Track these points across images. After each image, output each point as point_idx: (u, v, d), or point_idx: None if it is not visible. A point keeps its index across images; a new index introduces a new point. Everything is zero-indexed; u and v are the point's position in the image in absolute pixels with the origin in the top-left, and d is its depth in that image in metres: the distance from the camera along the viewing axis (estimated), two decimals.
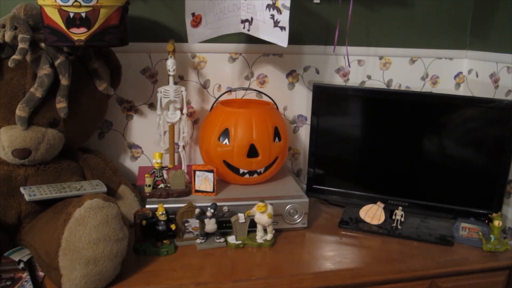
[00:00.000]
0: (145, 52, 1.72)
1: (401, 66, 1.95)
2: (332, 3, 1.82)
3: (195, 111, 1.82)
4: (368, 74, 1.93)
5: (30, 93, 1.36)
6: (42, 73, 1.37)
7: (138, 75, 1.73)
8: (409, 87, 1.98)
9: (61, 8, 1.30)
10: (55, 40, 1.34)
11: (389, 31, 1.91)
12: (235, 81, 1.84)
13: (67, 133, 1.46)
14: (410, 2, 1.90)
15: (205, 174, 1.55)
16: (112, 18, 1.36)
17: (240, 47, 1.79)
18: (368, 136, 1.68)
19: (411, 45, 1.94)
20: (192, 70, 1.78)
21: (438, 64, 1.98)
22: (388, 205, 1.67)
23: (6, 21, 1.37)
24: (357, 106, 1.67)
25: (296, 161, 1.97)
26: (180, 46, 1.72)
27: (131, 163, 1.81)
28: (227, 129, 1.59)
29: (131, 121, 1.77)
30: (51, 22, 1.32)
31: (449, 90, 2.00)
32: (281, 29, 1.46)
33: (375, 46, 1.91)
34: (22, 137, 1.36)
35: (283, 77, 1.87)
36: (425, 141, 1.61)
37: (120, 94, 1.73)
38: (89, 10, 1.31)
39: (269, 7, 1.47)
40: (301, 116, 1.92)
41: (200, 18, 1.51)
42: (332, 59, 1.88)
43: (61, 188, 1.39)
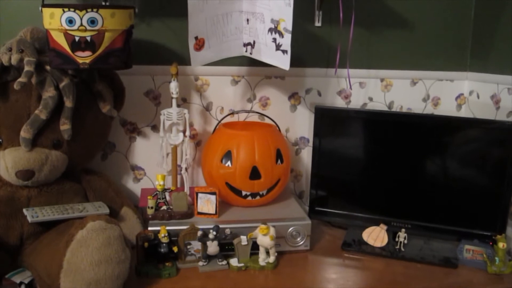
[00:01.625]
0: (149, 75, 1.74)
1: (403, 88, 1.96)
2: (333, 26, 1.85)
3: (198, 133, 1.83)
4: (369, 96, 1.94)
5: (34, 115, 1.37)
6: (47, 95, 1.38)
7: (141, 97, 1.75)
8: (410, 109, 1.99)
9: (67, 32, 1.32)
10: (60, 63, 1.36)
11: (390, 53, 1.93)
12: (238, 104, 1.85)
13: (70, 154, 1.47)
14: (410, 24, 1.93)
15: (208, 196, 1.55)
16: (117, 41, 1.38)
17: (243, 70, 1.81)
18: (371, 158, 1.68)
19: (412, 67, 1.96)
20: (195, 93, 1.80)
21: (439, 86, 1.99)
22: (391, 227, 1.66)
23: (12, 44, 1.39)
24: (359, 128, 1.68)
25: (298, 183, 1.97)
26: (183, 69, 1.74)
27: (134, 185, 1.81)
28: (230, 151, 1.60)
29: (134, 143, 1.78)
30: (56, 46, 1.35)
31: (450, 111, 2.01)
32: (283, 52, 1.48)
33: (376, 68, 1.93)
34: (26, 158, 1.37)
35: (285, 100, 1.88)
36: (428, 162, 1.61)
37: (123, 116, 1.74)
38: (94, 34, 1.33)
39: (271, 31, 1.49)
40: (303, 138, 1.93)
41: (203, 41, 1.54)
42: (334, 81, 1.90)
43: (63, 210, 1.39)
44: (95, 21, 1.32)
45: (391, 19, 1.91)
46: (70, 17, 1.31)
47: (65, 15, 1.31)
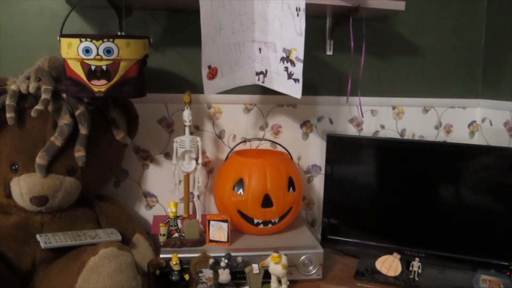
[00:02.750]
0: (162, 103, 1.76)
1: (414, 115, 1.97)
2: (345, 54, 1.87)
3: (210, 160, 1.84)
4: (381, 124, 1.95)
5: (50, 142, 1.39)
6: (62, 123, 1.41)
7: (154, 125, 1.77)
8: (423, 136, 1.98)
9: (83, 61, 1.35)
10: (76, 92, 1.39)
11: (401, 81, 1.94)
12: (250, 131, 1.86)
13: (84, 181, 1.49)
14: (421, 52, 1.94)
15: (219, 223, 1.55)
16: (131, 70, 1.41)
17: (255, 98, 1.83)
18: (383, 186, 1.68)
19: (423, 95, 1.96)
20: (207, 120, 1.82)
21: (451, 113, 1.99)
22: (405, 256, 1.64)
23: (31, 73, 1.43)
24: (371, 155, 1.68)
25: (310, 211, 1.96)
26: (196, 97, 1.76)
27: (146, 212, 1.82)
28: (242, 179, 1.60)
29: (147, 170, 1.80)
30: (73, 74, 1.38)
31: (463, 138, 2.01)
32: (295, 81, 1.49)
33: (388, 96, 1.93)
34: (40, 184, 1.39)
35: (297, 127, 1.89)
36: (441, 190, 1.60)
37: (136, 143, 1.76)
38: (109, 63, 1.36)
39: (283, 60, 1.52)
40: (315, 165, 1.93)
41: (216, 70, 1.56)
42: (346, 109, 1.91)
43: (76, 236, 1.40)
44: (111, 51, 1.35)
45: (402, 47, 1.93)
46: (87, 46, 1.34)
47: (82, 45, 1.34)
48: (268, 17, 1.52)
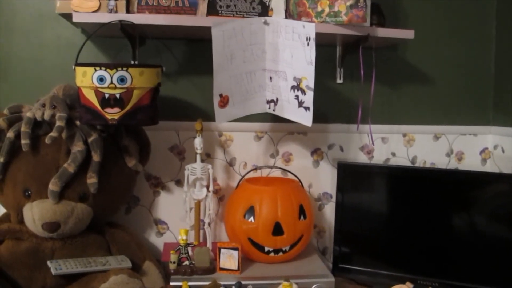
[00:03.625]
0: (174, 130, 1.78)
1: (425, 142, 1.96)
2: (355, 83, 1.88)
3: (221, 188, 1.85)
4: (392, 151, 1.94)
5: (63, 168, 1.41)
6: (75, 150, 1.43)
7: (166, 152, 1.79)
8: (434, 164, 1.97)
9: (97, 89, 1.38)
10: (90, 119, 1.42)
11: (411, 108, 1.95)
12: (261, 159, 1.87)
13: (95, 207, 1.50)
14: (430, 79, 1.95)
15: (230, 251, 1.54)
16: (144, 98, 1.43)
17: (266, 126, 1.85)
18: (395, 214, 1.66)
19: (434, 122, 1.96)
20: (219, 148, 1.83)
21: (462, 140, 1.99)
22: (418, 285, 1.61)
23: (46, 100, 1.46)
24: (382, 183, 1.67)
25: (321, 239, 1.95)
26: (207, 125, 1.78)
27: (157, 239, 1.82)
28: (253, 207, 1.60)
29: (158, 197, 1.80)
30: (87, 102, 1.40)
31: (475, 166, 1.99)
32: (306, 109, 1.51)
33: (398, 124, 1.94)
34: (52, 210, 1.40)
35: (308, 155, 1.90)
36: (454, 218, 1.59)
37: (148, 170, 1.78)
38: (123, 91, 1.39)
39: (293, 88, 1.53)
40: (326, 193, 1.92)
41: (227, 98, 1.58)
42: (356, 137, 1.91)
43: (87, 263, 1.40)
44: (124, 79, 1.38)
45: (412, 74, 1.94)
46: (101, 75, 1.37)
47: (96, 73, 1.37)
48: (279, 47, 1.55)
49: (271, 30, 1.56)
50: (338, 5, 1.51)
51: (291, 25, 1.50)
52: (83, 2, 1.48)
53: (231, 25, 1.51)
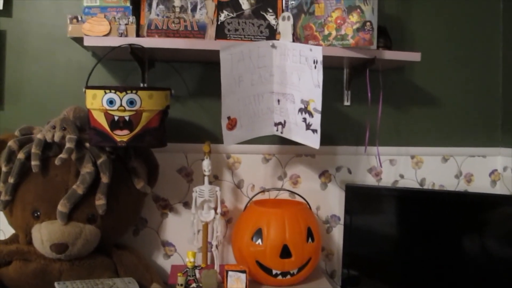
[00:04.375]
0: (182, 152, 1.79)
1: (434, 164, 1.96)
2: (362, 105, 1.89)
3: (229, 210, 1.85)
4: (400, 173, 1.94)
5: (72, 190, 1.42)
6: (85, 171, 1.44)
7: (174, 174, 1.79)
8: (443, 186, 1.96)
9: (107, 111, 1.40)
10: (99, 141, 1.43)
11: (419, 130, 1.95)
12: (269, 181, 1.87)
13: (103, 229, 1.50)
14: (438, 101, 1.95)
15: (238, 274, 1.53)
16: (153, 121, 1.45)
17: (274, 148, 1.85)
18: (404, 237, 1.65)
19: (442, 144, 1.96)
20: (226, 170, 1.83)
21: (471, 162, 1.98)
22: None
23: (56, 122, 1.48)
24: (391, 206, 1.67)
25: (330, 262, 1.93)
26: (215, 147, 1.78)
27: (164, 261, 1.81)
28: (260, 229, 1.60)
29: (166, 219, 1.80)
30: (97, 124, 1.42)
31: (485, 188, 1.98)
32: (313, 132, 1.51)
33: (406, 146, 1.94)
34: (61, 231, 1.40)
35: (315, 177, 1.89)
36: (464, 241, 1.57)
37: (156, 192, 1.78)
38: (132, 114, 1.40)
39: (301, 111, 1.54)
40: (334, 216, 1.91)
41: (235, 121, 1.59)
42: (364, 159, 1.91)
43: (94, 285, 1.40)
44: (134, 102, 1.40)
45: (419, 96, 1.95)
46: (111, 98, 1.39)
47: (106, 96, 1.39)
48: (287, 70, 1.56)
49: (278, 53, 1.58)
50: (345, 29, 1.53)
51: (299, 48, 1.52)
52: (94, 26, 1.51)
53: (239, 48, 1.53)
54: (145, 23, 1.58)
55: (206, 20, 1.60)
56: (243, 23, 1.62)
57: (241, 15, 1.63)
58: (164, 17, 1.59)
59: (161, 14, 1.59)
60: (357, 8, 1.50)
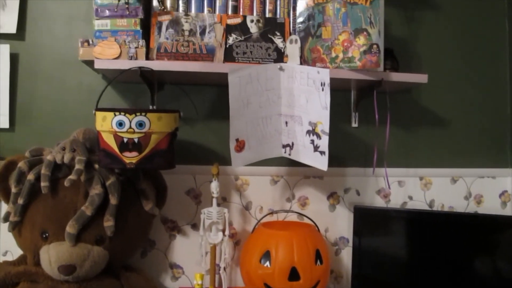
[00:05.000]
0: (191, 174, 1.80)
1: (443, 186, 1.94)
2: (370, 126, 1.89)
3: (237, 232, 1.84)
4: (409, 195, 1.93)
5: (81, 211, 1.43)
6: (93, 193, 1.45)
7: (182, 196, 1.80)
8: (452, 207, 1.95)
9: (116, 133, 1.41)
10: (108, 163, 1.44)
11: (427, 151, 1.95)
12: (277, 203, 1.87)
13: (111, 251, 1.50)
14: (446, 122, 1.95)
15: None
16: (162, 143, 1.46)
17: (282, 170, 1.85)
18: (413, 259, 1.63)
19: (451, 165, 1.95)
20: (235, 192, 1.83)
21: (480, 183, 1.96)
22: None
23: (66, 144, 1.49)
24: (400, 227, 1.65)
25: (338, 285, 1.91)
26: (224, 169, 1.79)
27: (172, 283, 1.80)
28: (268, 251, 1.59)
29: (174, 241, 1.80)
30: (106, 146, 1.43)
31: (495, 209, 1.96)
32: (321, 154, 1.51)
33: (415, 167, 1.93)
34: (69, 253, 1.41)
35: (324, 199, 1.89)
36: (474, 263, 1.55)
37: (164, 213, 1.78)
38: (141, 136, 1.42)
39: (309, 133, 1.55)
40: (343, 238, 1.90)
41: (243, 143, 1.60)
42: (372, 180, 1.91)
43: None
44: (143, 124, 1.41)
45: (427, 118, 1.95)
46: (120, 120, 1.40)
47: (116, 118, 1.41)
48: (294, 92, 1.58)
49: (286, 75, 1.59)
50: (352, 51, 1.54)
51: (306, 70, 1.53)
52: (105, 49, 1.53)
53: (248, 71, 1.54)
54: (154, 46, 1.61)
55: (214, 43, 1.63)
56: (251, 46, 1.65)
57: (249, 38, 1.65)
58: (174, 40, 1.61)
59: (170, 37, 1.61)
60: (364, 31, 1.52)
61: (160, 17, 1.62)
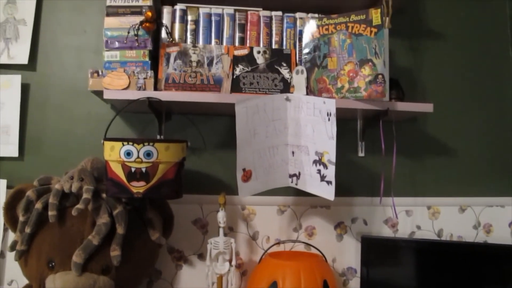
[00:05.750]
0: (197, 204, 1.80)
1: (451, 215, 1.93)
2: (376, 156, 1.90)
3: (244, 262, 1.83)
4: (417, 224, 1.91)
5: (87, 241, 1.43)
6: (101, 222, 1.45)
7: (189, 225, 1.79)
8: (461, 237, 1.93)
9: (124, 163, 1.42)
10: (116, 192, 1.45)
11: (434, 180, 1.94)
12: (284, 233, 1.86)
13: (118, 280, 1.49)
14: (452, 151, 1.95)
15: None
16: (169, 172, 1.47)
17: (288, 200, 1.85)
18: None
19: (459, 194, 1.94)
20: (241, 222, 1.83)
21: (489, 212, 1.95)
22: None
23: (74, 173, 1.50)
24: (408, 257, 1.64)
25: None
26: (230, 199, 1.79)
27: None
28: (275, 282, 1.57)
29: (180, 271, 1.79)
30: (114, 176, 1.44)
31: (505, 238, 1.93)
32: (328, 183, 1.52)
33: (422, 196, 1.92)
34: (75, 283, 1.40)
35: (331, 229, 1.88)
36: None
37: (171, 243, 1.78)
38: (149, 166, 1.43)
39: (315, 163, 1.55)
40: (351, 268, 1.88)
41: (250, 173, 1.60)
42: (380, 210, 1.90)
43: None
44: (150, 154, 1.42)
45: (433, 146, 1.95)
46: (128, 150, 1.42)
47: (124, 148, 1.42)
48: (301, 122, 1.59)
49: (293, 106, 1.61)
50: (358, 81, 1.56)
51: (312, 101, 1.55)
52: (114, 80, 1.56)
53: (254, 101, 1.56)
54: (163, 77, 1.63)
55: (222, 74, 1.65)
56: (257, 76, 1.67)
57: (256, 69, 1.67)
58: (181, 71, 1.64)
59: (178, 68, 1.64)
60: (369, 62, 1.54)
61: (169, 49, 1.65)
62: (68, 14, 1.82)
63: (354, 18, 1.58)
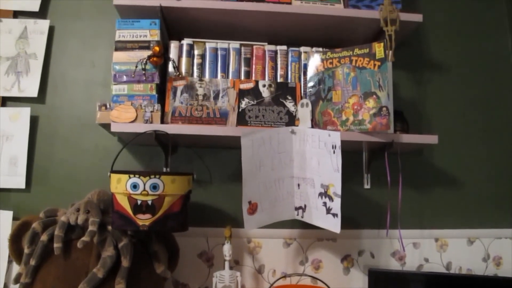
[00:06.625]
0: (203, 236, 1.79)
1: (459, 247, 1.91)
2: (382, 188, 1.89)
3: None
4: (425, 257, 1.89)
5: (92, 273, 1.42)
6: (106, 255, 1.44)
7: (194, 259, 1.78)
8: (471, 270, 1.90)
9: (130, 195, 1.43)
10: (122, 225, 1.45)
11: (442, 212, 1.92)
12: (290, 266, 1.84)
13: None
14: (459, 182, 1.94)
15: None
16: (175, 205, 1.47)
17: (295, 233, 1.84)
18: None
19: (467, 225, 1.92)
20: (247, 255, 1.82)
21: (498, 244, 1.92)
22: None
23: (80, 205, 1.51)
24: None
25: None
26: (236, 231, 1.78)
27: None
28: None
29: None
30: (120, 208, 1.45)
31: None
32: (334, 216, 1.51)
33: (429, 228, 1.90)
34: None
35: (337, 262, 1.86)
36: None
37: (176, 276, 1.76)
38: (155, 198, 1.43)
39: (321, 195, 1.55)
40: None
41: (256, 206, 1.60)
42: (387, 242, 1.88)
43: None
44: (157, 187, 1.43)
45: (439, 178, 1.94)
46: (134, 182, 1.42)
47: (130, 180, 1.43)
48: (306, 155, 1.59)
49: (298, 138, 1.62)
50: (362, 114, 1.57)
51: (317, 133, 1.56)
52: (122, 113, 1.58)
53: (260, 134, 1.57)
54: (169, 110, 1.65)
55: (228, 107, 1.67)
56: (263, 110, 1.68)
57: (261, 102, 1.69)
58: (188, 104, 1.66)
59: (185, 101, 1.66)
60: (373, 94, 1.56)
61: (175, 82, 1.68)
62: (78, 48, 1.86)
63: (358, 52, 1.60)
